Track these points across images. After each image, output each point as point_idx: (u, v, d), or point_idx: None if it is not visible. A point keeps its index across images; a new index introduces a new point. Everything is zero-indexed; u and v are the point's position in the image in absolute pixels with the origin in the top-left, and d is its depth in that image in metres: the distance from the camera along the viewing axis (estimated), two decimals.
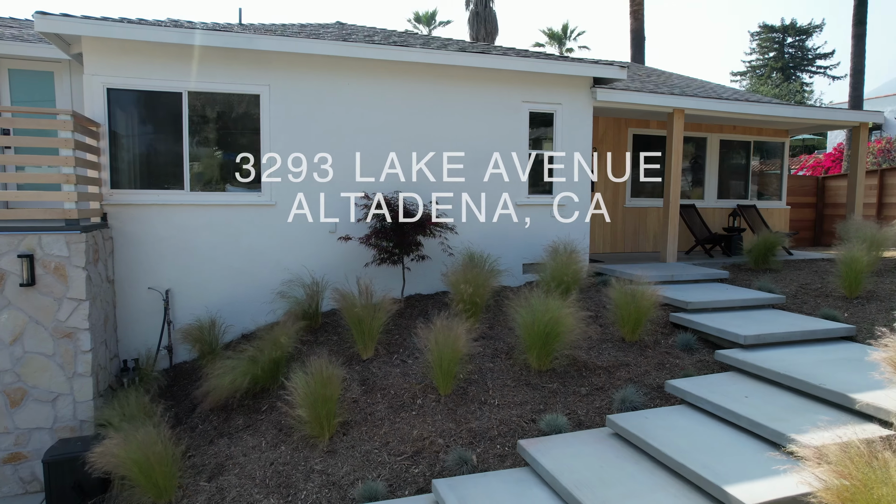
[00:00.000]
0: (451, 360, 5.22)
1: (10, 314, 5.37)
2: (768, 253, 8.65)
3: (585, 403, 5.20)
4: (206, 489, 4.64)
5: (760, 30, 45.21)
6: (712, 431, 4.23)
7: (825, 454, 2.67)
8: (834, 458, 2.63)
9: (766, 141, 11.59)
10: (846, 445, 2.84)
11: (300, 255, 7.11)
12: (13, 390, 5.43)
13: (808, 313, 6.74)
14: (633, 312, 5.95)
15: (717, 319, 6.18)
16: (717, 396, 4.59)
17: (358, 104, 7.24)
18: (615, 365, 5.71)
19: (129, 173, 6.59)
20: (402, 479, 4.50)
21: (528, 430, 4.89)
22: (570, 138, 8.22)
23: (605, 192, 10.34)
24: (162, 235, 6.64)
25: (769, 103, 9.35)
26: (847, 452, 2.69)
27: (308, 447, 4.89)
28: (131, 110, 6.59)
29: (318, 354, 6.19)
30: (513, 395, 5.32)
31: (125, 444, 4.44)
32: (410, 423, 5.03)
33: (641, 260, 9.35)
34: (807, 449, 2.75)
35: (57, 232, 5.44)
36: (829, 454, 2.66)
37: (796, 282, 7.91)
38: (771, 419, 4.06)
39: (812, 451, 2.73)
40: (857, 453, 2.63)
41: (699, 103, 8.74)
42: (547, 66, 7.73)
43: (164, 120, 6.66)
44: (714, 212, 11.14)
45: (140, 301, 6.61)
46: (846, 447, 2.80)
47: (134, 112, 6.60)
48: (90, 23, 6.07)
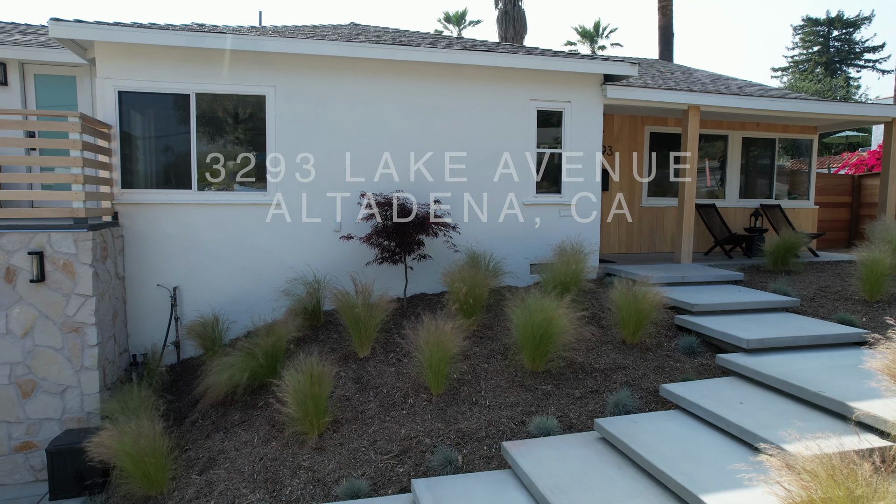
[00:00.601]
0: (442, 360, 5.20)
1: (21, 309, 5.60)
2: (788, 254, 8.33)
3: (578, 406, 5.10)
4: (196, 482, 4.74)
5: (804, 23, 43.63)
6: (701, 438, 4.09)
7: (792, 465, 2.55)
8: (800, 470, 2.51)
9: (793, 138, 11.17)
10: (822, 457, 2.71)
11: (305, 254, 7.19)
12: (24, 382, 5.66)
13: (824, 317, 6.47)
14: (633, 314, 5.82)
15: (722, 322, 5.98)
16: (710, 402, 4.44)
17: (363, 104, 7.28)
18: (613, 367, 5.59)
19: (139, 173, 6.78)
20: (387, 478, 4.49)
21: (516, 432, 4.82)
22: (580, 137, 8.08)
23: (621, 191, 10.13)
24: (170, 234, 6.82)
25: (791, 99, 8.99)
26: (816, 463, 2.56)
27: (298, 444, 4.94)
28: (142, 112, 6.78)
29: (316, 352, 6.27)
30: (505, 396, 5.26)
31: (118, 437, 4.57)
32: (400, 423, 5.03)
33: (656, 261, 9.13)
34: (774, 459, 2.63)
35: (65, 230, 5.64)
36: (795, 465, 2.54)
37: (816, 284, 7.60)
38: (761, 427, 3.91)
39: (778, 461, 2.61)
40: (827, 466, 2.50)
41: (716, 100, 8.48)
42: (554, 64, 7.62)
43: (172, 121, 6.84)
44: (735, 212, 10.80)
45: (149, 298, 6.80)
46: (820, 459, 2.67)
47: (144, 114, 6.80)
48: (101, 28, 6.28)
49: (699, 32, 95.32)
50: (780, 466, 2.60)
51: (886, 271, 6.53)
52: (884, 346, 3.68)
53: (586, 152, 8.13)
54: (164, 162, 6.87)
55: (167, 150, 6.87)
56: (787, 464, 2.56)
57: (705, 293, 6.94)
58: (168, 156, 6.88)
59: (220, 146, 7.01)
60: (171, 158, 6.88)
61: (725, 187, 10.75)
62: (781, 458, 2.67)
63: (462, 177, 7.68)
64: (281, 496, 4.45)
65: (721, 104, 8.52)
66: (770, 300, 6.63)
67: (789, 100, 8.95)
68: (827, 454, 2.60)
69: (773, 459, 2.60)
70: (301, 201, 7.16)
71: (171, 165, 6.87)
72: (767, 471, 3.07)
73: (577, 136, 8.08)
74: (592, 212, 8.22)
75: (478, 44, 8.26)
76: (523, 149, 7.89)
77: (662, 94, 8.27)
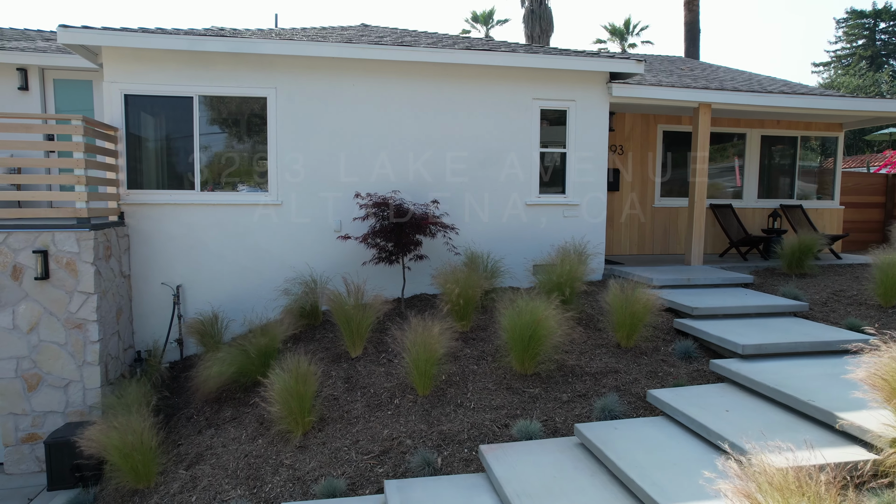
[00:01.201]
0: (427, 361, 5.18)
1: (27, 305, 5.81)
2: (804, 256, 8.02)
3: (565, 410, 5.02)
4: (182, 477, 4.84)
5: (848, 16, 41.97)
6: (680, 446, 3.97)
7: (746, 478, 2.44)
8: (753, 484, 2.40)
9: (817, 136, 10.75)
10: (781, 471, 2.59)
11: (305, 254, 7.27)
12: (30, 375, 5.87)
13: (834, 322, 6.20)
14: (627, 317, 5.69)
15: (721, 327, 5.79)
16: (694, 409, 4.30)
17: (364, 105, 7.31)
18: (604, 371, 5.48)
19: (145, 174, 6.96)
20: (366, 478, 4.50)
21: (499, 436, 4.77)
22: (585, 136, 7.95)
23: (633, 191, 9.93)
24: (174, 234, 6.98)
25: (807, 95, 8.64)
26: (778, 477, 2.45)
27: (282, 441, 4.99)
28: (147, 115, 6.96)
29: (310, 351, 6.33)
30: (491, 398, 5.21)
31: (107, 432, 4.70)
32: (384, 423, 5.03)
33: (667, 262, 8.92)
34: (731, 470, 2.53)
35: (68, 230, 5.83)
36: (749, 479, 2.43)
37: (831, 288, 7.29)
38: (742, 436, 3.77)
39: (735, 473, 2.51)
40: (780, 481, 2.38)
41: (726, 97, 8.22)
42: (557, 62, 7.51)
43: (176, 123, 6.99)
44: (754, 212, 10.45)
45: (154, 296, 6.98)
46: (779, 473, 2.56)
47: (149, 116, 6.98)
48: (106, 33, 6.47)
49: (730, 29, 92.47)
50: (735, 482, 2.50)
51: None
52: (869, 353, 3.50)
53: (591, 152, 7.99)
54: (168, 163, 7.04)
55: (171, 151, 7.04)
56: (742, 477, 2.46)
57: (709, 296, 6.74)
58: (172, 157, 7.04)
59: (222, 147, 7.14)
60: (175, 159, 7.04)
61: (743, 187, 10.42)
62: (734, 471, 2.57)
63: (463, 177, 7.64)
64: (261, 493, 4.51)
65: (732, 101, 8.25)
66: (776, 304, 6.39)
67: (803, 96, 8.61)
68: (782, 468, 2.48)
69: (734, 468, 2.50)
70: (301, 201, 7.23)
71: (175, 166, 7.04)
72: (734, 482, 2.96)
73: (582, 135, 7.94)
74: (598, 212, 8.07)
75: (480, 43, 8.21)
76: (526, 148, 7.80)
77: (671, 92, 8.07)
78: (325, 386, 5.64)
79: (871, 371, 3.33)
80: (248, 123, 7.18)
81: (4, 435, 5.88)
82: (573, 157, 7.95)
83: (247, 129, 7.19)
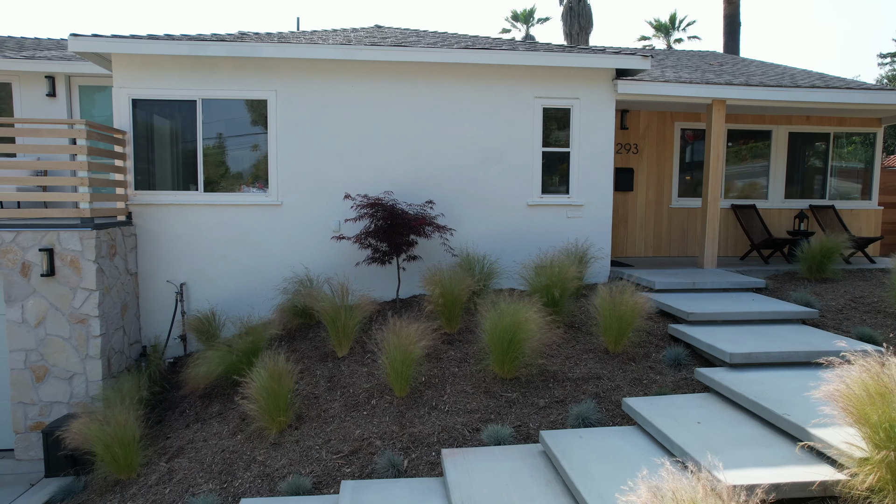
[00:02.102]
0: (404, 363, 5.16)
1: (35, 300, 6.13)
2: (825, 260, 7.56)
3: (540, 416, 4.90)
4: (161, 469, 4.99)
5: None
6: (642, 458, 3.81)
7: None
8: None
9: (852, 132, 10.12)
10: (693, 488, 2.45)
11: (304, 254, 7.38)
12: (38, 367, 6.19)
13: (846, 331, 5.83)
14: (614, 322, 5.50)
15: (715, 334, 5.53)
16: (664, 420, 4.12)
17: (363, 106, 7.36)
18: (587, 377, 5.32)
19: (152, 175, 7.22)
20: (332, 478, 4.52)
21: (468, 440, 4.71)
22: (590, 135, 7.75)
23: (648, 191, 9.61)
24: (179, 233, 7.21)
25: (831, 88, 8.11)
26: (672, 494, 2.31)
27: (259, 438, 5.08)
28: (154, 118, 7.23)
29: (300, 350, 6.42)
30: (467, 401, 5.14)
31: (89, 424, 4.90)
32: (358, 423, 5.05)
33: (682, 265, 8.59)
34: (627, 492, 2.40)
35: (72, 229, 6.11)
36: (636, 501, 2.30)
37: (851, 294, 6.85)
38: (704, 450, 3.58)
39: (648, 489, 2.38)
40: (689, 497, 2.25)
41: (741, 92, 7.84)
42: (557, 60, 7.35)
43: (181, 126, 7.23)
44: (780, 213, 9.93)
45: (161, 293, 7.23)
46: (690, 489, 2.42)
47: (156, 120, 7.24)
48: (113, 41, 6.75)
49: (788, 24, 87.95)
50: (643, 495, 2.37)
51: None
52: (841, 367, 3.25)
53: (597, 151, 7.78)
54: (174, 165, 7.28)
55: (177, 153, 7.28)
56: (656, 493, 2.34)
57: (711, 301, 6.44)
58: (178, 159, 7.28)
59: (225, 149, 7.33)
60: (180, 161, 7.28)
61: (769, 187, 9.92)
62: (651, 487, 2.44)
63: (463, 177, 7.58)
64: (230, 488, 4.60)
65: (746, 97, 7.87)
66: (783, 310, 6.05)
67: (824, 90, 8.09)
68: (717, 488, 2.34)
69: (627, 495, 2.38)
70: (300, 202, 7.35)
71: (180, 168, 7.27)
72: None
73: (586, 134, 7.74)
74: (603, 213, 7.85)
75: (478, 42, 8.11)
76: (528, 148, 7.67)
77: (680, 88, 7.76)
78: (307, 384, 5.71)
79: (833, 388, 3.10)
80: (250, 126, 7.34)
81: (15, 422, 6.21)
82: (577, 156, 7.76)
83: (249, 131, 7.35)
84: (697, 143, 9.74)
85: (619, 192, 9.51)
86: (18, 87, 8.87)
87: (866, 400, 3.01)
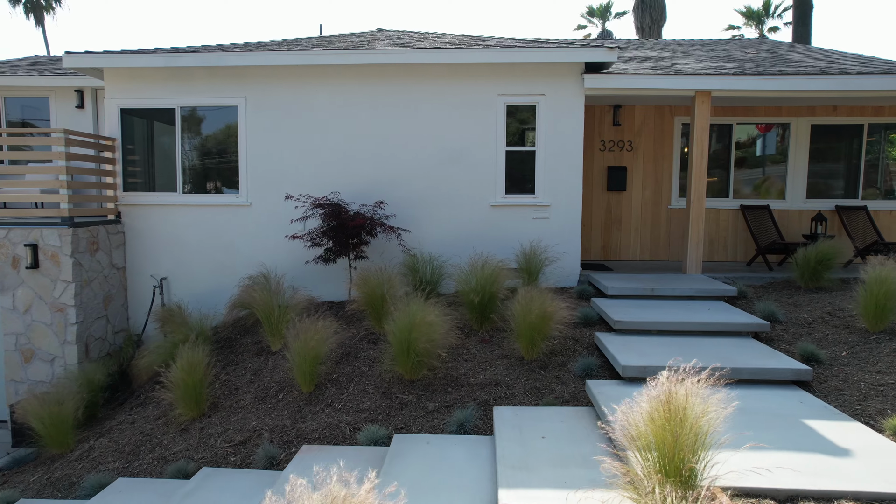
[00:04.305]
0: (306, 359, 5.30)
1: (23, 290, 6.91)
2: (819, 267, 6.78)
3: (425, 420, 4.84)
4: (85, 448, 5.47)
5: None
6: (463, 473, 3.68)
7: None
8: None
9: (891, 122, 8.92)
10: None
11: (270, 252, 7.71)
12: (26, 350, 6.97)
13: (792, 348, 5.22)
14: (525, 328, 5.30)
15: (631, 344, 5.16)
16: (511, 432, 3.95)
17: (326, 110, 7.57)
18: (486, 383, 5.17)
19: (137, 178, 7.88)
20: (218, 465, 4.75)
21: (348, 438, 4.76)
22: (557, 132, 7.46)
23: (644, 190, 9.05)
24: (161, 232, 7.81)
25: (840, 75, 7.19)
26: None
27: (174, 424, 5.43)
28: (139, 125, 7.87)
29: (245, 343, 6.74)
30: (362, 401, 5.18)
31: (33, 403, 5.48)
32: (259, 415, 5.25)
33: (671, 269, 8.03)
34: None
35: (53, 227, 6.83)
36: None
37: (830, 306, 6.10)
38: (522, 469, 3.40)
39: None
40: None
41: (726, 82, 7.18)
42: (517, 56, 7.14)
43: (162, 132, 7.82)
44: (800, 215, 8.96)
45: (147, 286, 7.87)
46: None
47: (141, 127, 7.88)
48: (99, 56, 7.44)
49: (867, 7, 77.21)
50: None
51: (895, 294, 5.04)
52: (623, 406, 2.95)
53: (564, 149, 7.47)
54: (156, 168, 7.89)
55: (159, 157, 7.88)
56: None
57: (657, 310, 6.00)
58: (159, 162, 7.88)
59: (201, 153, 7.83)
60: (162, 164, 7.87)
61: (786, 185, 8.99)
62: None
63: (426, 177, 7.58)
64: (132, 467, 4.97)
65: (734, 87, 7.19)
66: (733, 322, 5.52)
67: (824, 76, 7.17)
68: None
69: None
70: (267, 202, 7.69)
71: (162, 171, 7.87)
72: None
73: (553, 131, 7.46)
74: (571, 213, 7.52)
75: (434, 41, 8.03)
76: (491, 147, 7.52)
77: (657, 80, 7.25)
78: (234, 376, 6.00)
79: (621, 421, 2.85)
80: (223, 130, 7.80)
81: (7, 397, 7.04)
82: (543, 155, 7.49)
83: (223, 135, 7.81)
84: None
85: (612, 191, 9.04)
86: (54, 101, 9.96)
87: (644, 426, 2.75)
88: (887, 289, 5.01)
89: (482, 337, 5.98)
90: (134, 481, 4.47)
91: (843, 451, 3.29)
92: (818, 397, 4.30)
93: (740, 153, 9.13)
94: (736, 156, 9.06)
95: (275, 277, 7.54)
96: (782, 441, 3.45)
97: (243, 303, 6.92)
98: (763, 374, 4.49)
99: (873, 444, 3.40)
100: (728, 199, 9.02)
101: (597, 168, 9.05)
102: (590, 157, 9.04)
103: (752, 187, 9.08)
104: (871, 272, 5.20)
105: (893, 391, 4.21)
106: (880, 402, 4.11)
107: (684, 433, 2.63)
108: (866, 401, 4.16)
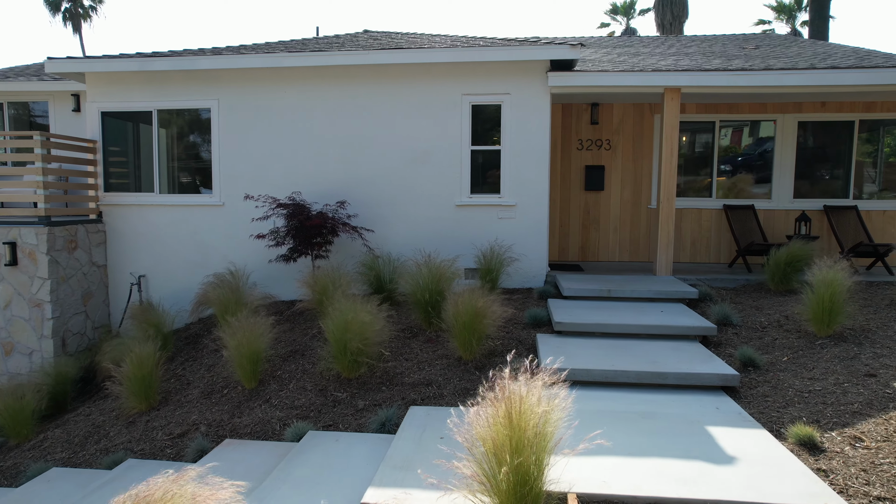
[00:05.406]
0: (246, 356, 5.40)
1: (3, 286, 7.24)
2: (789, 270, 6.55)
3: (353, 418, 4.88)
4: (41, 438, 5.70)
5: None
6: (358, 473, 3.70)
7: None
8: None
9: (883, 119, 8.53)
10: None
11: (241, 251, 7.88)
12: (6, 343, 7.30)
13: (733, 353, 5.06)
14: (459, 329, 5.29)
15: (566, 346, 5.10)
16: (412, 433, 3.97)
17: (295, 111, 7.69)
18: (419, 383, 5.18)
19: (118, 178, 8.15)
20: (155, 457, 4.89)
21: (276, 434, 4.84)
22: (523, 131, 7.40)
23: (623, 190, 8.89)
24: (141, 231, 8.06)
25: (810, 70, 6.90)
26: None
27: (123, 416, 5.61)
28: (120, 128, 8.14)
29: (211, 339, 6.91)
30: (298, 398, 5.26)
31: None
32: (201, 409, 5.38)
33: (638, 271, 7.87)
34: None
35: (30, 226, 7.13)
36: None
37: (788, 311, 5.89)
38: (403, 467, 3.41)
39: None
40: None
41: (693, 79, 6.99)
42: (478, 55, 7.12)
43: (141, 134, 8.07)
44: (787, 214, 8.65)
45: (127, 284, 8.14)
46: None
47: (122, 129, 8.14)
48: (77, 61, 7.73)
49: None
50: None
51: (841, 295, 4.84)
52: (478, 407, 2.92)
53: (530, 148, 7.41)
54: (136, 169, 8.15)
55: (138, 158, 8.14)
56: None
57: (607, 311, 5.90)
58: (139, 163, 8.14)
59: (178, 154, 8.05)
60: (140, 165, 8.13)
61: (772, 185, 8.69)
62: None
63: (391, 177, 7.62)
64: (76, 458, 5.16)
65: (703, 83, 7.01)
66: (681, 325, 5.40)
67: (797, 72, 6.90)
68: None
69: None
70: (239, 202, 7.86)
71: (141, 172, 8.12)
72: None
73: (519, 130, 7.41)
74: (538, 213, 7.46)
75: (396, 41, 8.04)
76: (457, 147, 7.51)
77: (622, 77, 7.12)
78: (190, 370, 6.17)
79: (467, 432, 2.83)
80: (198, 132, 8.00)
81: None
82: (509, 154, 7.45)
83: (198, 137, 8.01)
84: (681, 136, 8.82)
85: (590, 191, 8.91)
86: (53, 105, 10.38)
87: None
88: (833, 292, 4.81)
89: (429, 337, 5.99)
90: (65, 471, 4.64)
91: (728, 458, 3.19)
92: (741, 404, 4.17)
93: (724, 151, 8.87)
94: (720, 154, 8.82)
95: (242, 276, 7.70)
96: (673, 448, 3.36)
97: (207, 300, 7.10)
98: (689, 378, 4.38)
99: (765, 452, 3.29)
100: (711, 199, 8.78)
101: (574, 167, 8.93)
102: (567, 156, 8.93)
103: (736, 187, 8.82)
104: (818, 274, 5.00)
105: (817, 398, 4.05)
106: (800, 409, 3.96)
107: (525, 437, 2.60)
108: (787, 408, 4.01)
